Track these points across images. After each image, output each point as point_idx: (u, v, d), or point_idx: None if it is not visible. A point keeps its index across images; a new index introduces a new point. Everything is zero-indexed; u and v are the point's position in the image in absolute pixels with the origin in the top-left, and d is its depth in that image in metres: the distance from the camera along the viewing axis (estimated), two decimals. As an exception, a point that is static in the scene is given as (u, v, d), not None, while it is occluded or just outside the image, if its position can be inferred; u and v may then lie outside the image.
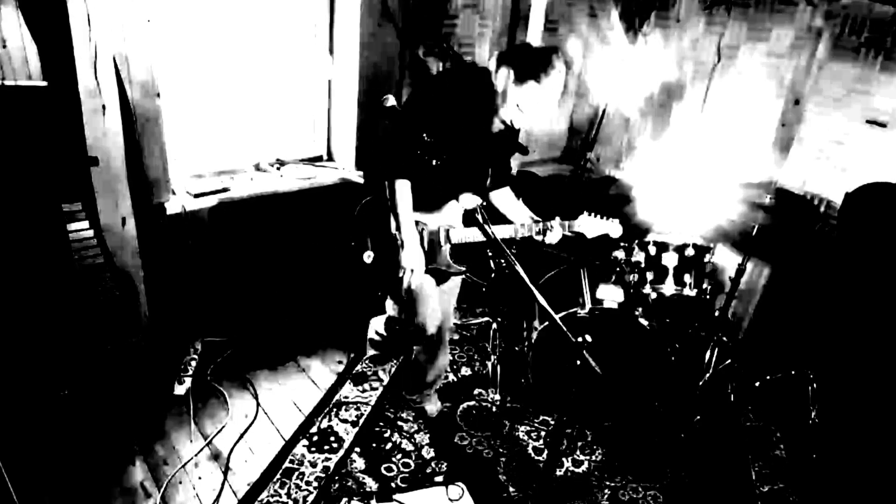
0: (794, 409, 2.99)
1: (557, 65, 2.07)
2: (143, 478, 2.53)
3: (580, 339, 1.56)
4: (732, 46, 3.55)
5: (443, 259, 2.43)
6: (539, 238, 2.41)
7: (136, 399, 2.88)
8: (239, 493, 2.51)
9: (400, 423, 2.92)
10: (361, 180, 3.37)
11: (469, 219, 2.26)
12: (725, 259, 3.50)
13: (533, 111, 2.13)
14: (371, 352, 3.26)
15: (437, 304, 2.53)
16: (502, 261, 3.20)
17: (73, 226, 2.70)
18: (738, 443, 2.94)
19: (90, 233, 2.75)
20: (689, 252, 3.01)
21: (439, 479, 2.64)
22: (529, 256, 3.30)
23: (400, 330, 2.99)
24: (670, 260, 3.01)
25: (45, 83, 2.50)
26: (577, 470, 2.75)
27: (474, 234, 2.40)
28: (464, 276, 2.64)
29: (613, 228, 2.51)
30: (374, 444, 2.79)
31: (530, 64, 2.06)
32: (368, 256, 2.39)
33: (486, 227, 1.78)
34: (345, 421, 2.92)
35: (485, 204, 2.12)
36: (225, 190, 3.09)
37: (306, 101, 3.46)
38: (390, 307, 3.04)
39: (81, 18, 2.45)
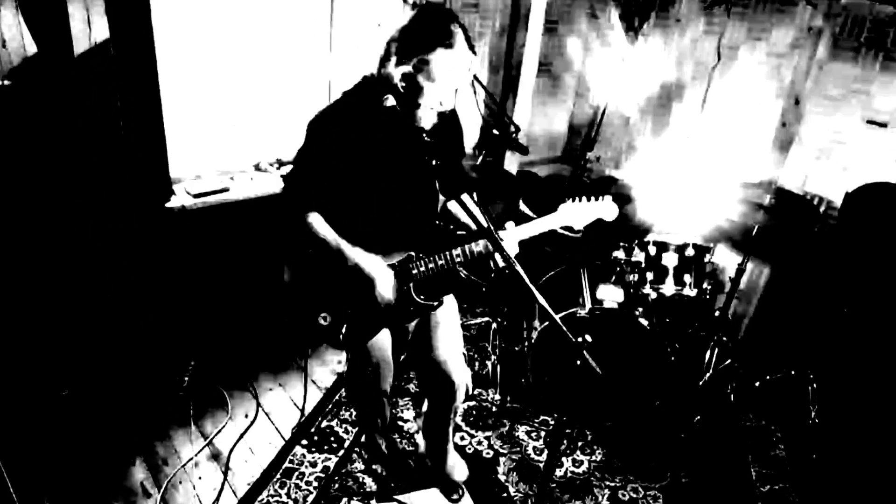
0: (794, 409, 2.99)
1: (455, 23, 1.79)
2: (143, 478, 2.53)
3: (580, 339, 1.56)
4: (732, 46, 3.55)
5: (407, 302, 2.05)
6: (491, 260, 2.07)
7: (137, 399, 2.88)
8: (239, 493, 2.51)
9: (400, 423, 2.92)
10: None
11: (434, 244, 2.03)
12: (725, 259, 3.50)
13: (454, 79, 1.82)
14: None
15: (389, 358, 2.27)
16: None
17: (74, 225, 2.70)
18: (738, 443, 2.94)
19: (91, 232, 2.75)
20: (689, 252, 3.00)
21: (439, 479, 2.64)
22: (529, 256, 3.30)
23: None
24: (670, 260, 3.01)
25: (45, 83, 2.50)
26: (577, 470, 2.75)
27: (444, 258, 2.02)
28: (451, 300, 2.27)
29: (606, 209, 2.14)
30: (374, 444, 2.78)
31: (432, 31, 1.76)
32: (324, 318, 2.02)
33: (491, 227, 1.73)
34: (345, 421, 2.92)
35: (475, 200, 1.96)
36: (225, 190, 3.09)
37: (306, 101, 3.45)
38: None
39: (81, 18, 2.45)
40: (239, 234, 3.22)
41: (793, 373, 2.97)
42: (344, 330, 2.03)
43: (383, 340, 2.20)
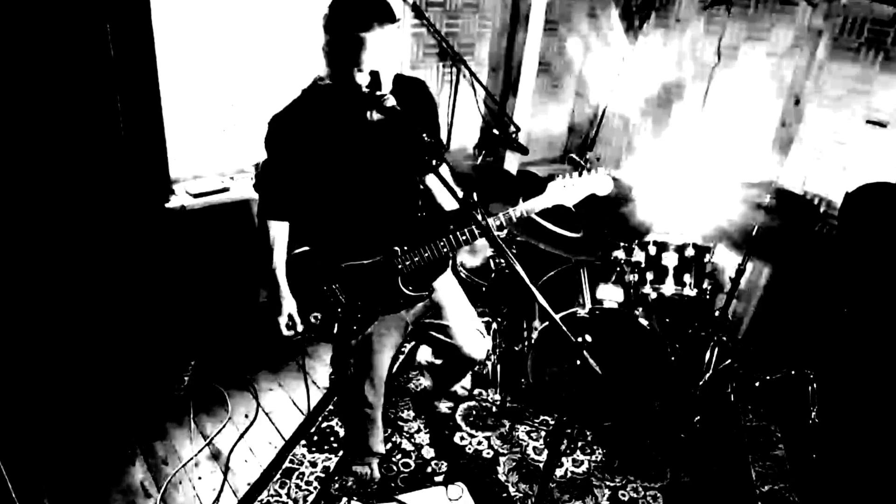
0: (794, 409, 2.99)
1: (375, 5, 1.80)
2: (143, 478, 2.53)
3: (580, 339, 1.56)
4: (732, 46, 3.55)
5: (395, 295, 2.10)
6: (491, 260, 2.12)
7: (137, 399, 2.88)
8: (239, 493, 2.51)
9: (400, 423, 2.92)
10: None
11: (424, 232, 2.03)
12: (725, 259, 3.50)
13: (385, 55, 1.86)
14: (425, 382, 3.07)
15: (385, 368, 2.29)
16: (502, 261, 3.19)
17: (74, 224, 2.70)
18: (738, 443, 2.94)
19: (92, 232, 2.75)
20: (689, 252, 3.00)
21: (439, 479, 2.63)
22: (529, 256, 3.30)
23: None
24: (670, 260, 3.01)
25: (45, 83, 2.50)
26: (577, 470, 2.75)
27: (430, 250, 2.03)
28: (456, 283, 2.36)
29: (599, 183, 2.06)
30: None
31: (364, 9, 1.81)
32: (315, 318, 2.11)
33: (485, 221, 1.73)
34: (345, 421, 2.92)
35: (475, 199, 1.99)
36: (225, 190, 3.09)
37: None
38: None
39: (81, 18, 2.45)
40: (239, 234, 3.22)
41: (793, 373, 2.97)
42: (335, 330, 2.11)
43: (370, 341, 2.20)
